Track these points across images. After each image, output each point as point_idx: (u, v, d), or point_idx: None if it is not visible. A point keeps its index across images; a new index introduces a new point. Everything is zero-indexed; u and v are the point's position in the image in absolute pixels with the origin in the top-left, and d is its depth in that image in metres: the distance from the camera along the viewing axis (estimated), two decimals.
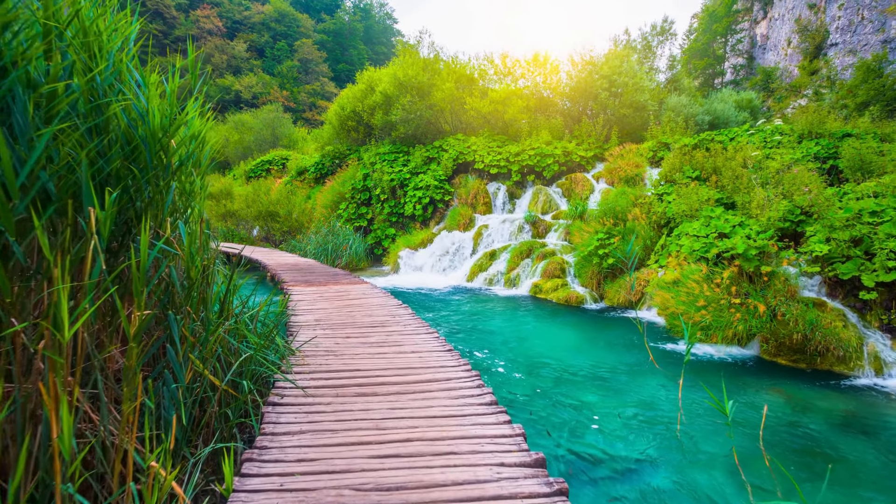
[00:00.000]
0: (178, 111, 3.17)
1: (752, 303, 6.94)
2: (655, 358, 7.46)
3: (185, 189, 3.58)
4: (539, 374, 6.81)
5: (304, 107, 63.56)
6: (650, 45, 27.66)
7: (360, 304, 7.21)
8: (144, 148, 2.80)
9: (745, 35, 52.67)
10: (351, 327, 5.76)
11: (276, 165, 28.01)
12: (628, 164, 16.06)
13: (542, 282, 12.02)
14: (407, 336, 5.33)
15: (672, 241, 9.67)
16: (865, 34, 38.79)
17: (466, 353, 7.52)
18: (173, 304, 3.01)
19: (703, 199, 10.54)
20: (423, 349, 4.83)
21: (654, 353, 7.61)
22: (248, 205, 20.02)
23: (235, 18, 70.74)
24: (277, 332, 4.34)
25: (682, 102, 20.76)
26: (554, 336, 8.78)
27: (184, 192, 3.56)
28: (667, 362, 7.15)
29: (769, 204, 8.61)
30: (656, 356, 7.54)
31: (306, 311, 6.68)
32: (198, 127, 3.71)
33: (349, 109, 22.03)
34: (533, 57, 20.62)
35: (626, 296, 10.50)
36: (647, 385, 6.34)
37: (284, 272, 11.06)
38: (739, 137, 15.72)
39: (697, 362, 7.10)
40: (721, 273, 7.52)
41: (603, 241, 11.23)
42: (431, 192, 17.13)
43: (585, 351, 7.88)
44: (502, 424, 3.18)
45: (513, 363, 7.17)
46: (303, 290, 8.63)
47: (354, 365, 4.30)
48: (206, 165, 4.12)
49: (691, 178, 12.51)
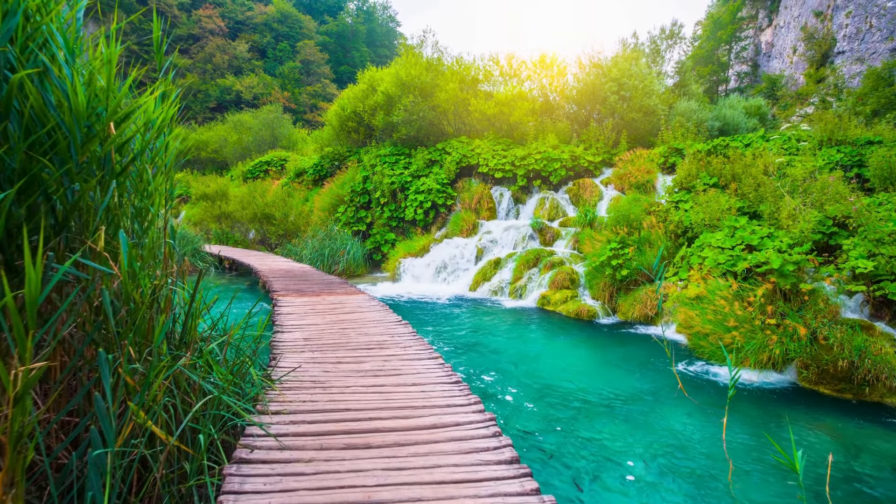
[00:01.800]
0: (119, 90, 2.48)
1: (790, 324, 6.25)
2: (676, 377, 6.75)
3: (139, 189, 2.89)
4: (552, 401, 6.10)
5: (305, 108, 62.98)
6: (658, 48, 27.07)
7: (355, 320, 6.50)
8: (68, 135, 2.12)
9: (750, 42, 52.32)
10: (343, 349, 5.05)
11: (274, 167, 27.35)
12: (639, 170, 15.39)
13: (550, 293, 11.32)
14: (407, 362, 4.63)
15: (693, 252, 8.98)
16: (874, 42, 38.28)
17: (471, 375, 6.81)
18: (106, 339, 2.33)
19: (724, 207, 9.86)
20: (426, 380, 4.13)
21: (679, 377, 6.90)
22: (244, 206, 19.34)
23: (238, 19, 70.20)
24: (254, 361, 3.64)
25: (692, 108, 20.13)
26: (566, 355, 8.07)
27: (137, 193, 2.88)
28: (694, 389, 6.45)
29: (800, 214, 7.93)
30: (681, 380, 6.83)
31: (294, 328, 5.97)
32: (158, 114, 3.02)
33: (350, 110, 21.37)
34: (540, 58, 19.98)
35: (643, 310, 9.79)
36: (676, 417, 5.63)
37: (276, 279, 10.36)
38: (755, 143, 15.10)
39: (726, 388, 6.39)
40: (754, 290, 6.83)
41: (616, 251, 10.54)
42: (433, 196, 16.45)
43: (602, 373, 7.18)
44: (530, 496, 2.49)
45: (522, 388, 6.47)
46: (293, 300, 7.93)
47: (345, 402, 3.60)
48: (170, 161, 3.43)
49: (708, 185, 11.84)
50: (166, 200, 3.58)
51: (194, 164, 36.00)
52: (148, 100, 2.78)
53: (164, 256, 3.33)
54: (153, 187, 3.01)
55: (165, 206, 3.54)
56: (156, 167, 3.36)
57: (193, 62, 62.20)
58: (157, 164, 3.21)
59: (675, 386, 6.51)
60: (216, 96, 58.76)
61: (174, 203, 14.41)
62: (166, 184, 3.47)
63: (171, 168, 3.45)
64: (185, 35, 63.68)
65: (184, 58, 62.01)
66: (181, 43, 63.22)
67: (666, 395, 6.22)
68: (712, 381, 6.63)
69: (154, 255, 3.28)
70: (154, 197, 2.91)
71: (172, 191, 3.89)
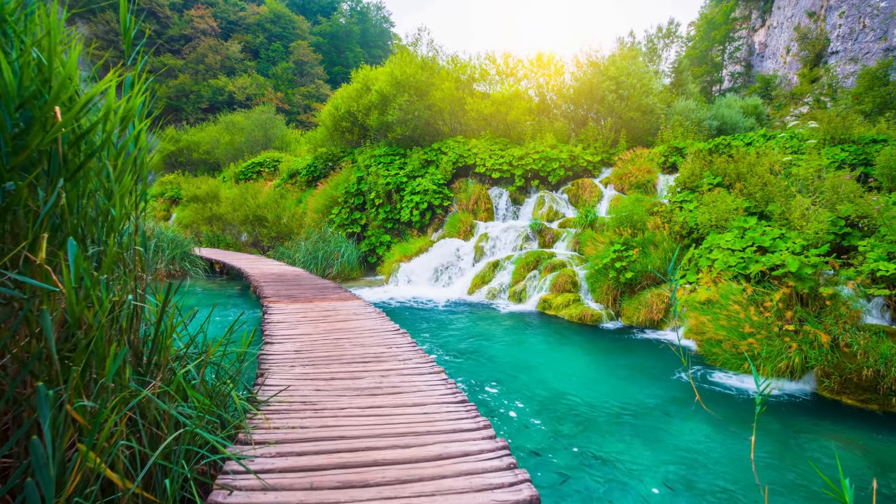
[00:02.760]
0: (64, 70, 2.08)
1: (811, 331, 5.91)
2: (688, 386, 6.40)
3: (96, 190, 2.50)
4: (557, 414, 5.73)
5: (298, 109, 62.47)
6: (655, 47, 26.81)
7: (350, 329, 6.11)
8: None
9: (744, 43, 52.45)
10: (337, 363, 4.66)
11: (267, 167, 26.89)
12: (639, 170, 15.08)
13: (551, 296, 10.96)
14: (407, 378, 4.24)
15: (701, 254, 8.64)
16: (867, 42, 38.33)
17: (472, 386, 6.43)
18: (49, 371, 1.94)
19: (732, 207, 9.54)
20: (428, 399, 3.74)
21: (689, 384, 6.55)
22: (235, 208, 18.88)
23: (230, 19, 69.55)
24: (237, 381, 3.25)
25: (690, 107, 19.87)
26: (570, 363, 7.70)
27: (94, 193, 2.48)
28: (710, 399, 6.09)
29: (814, 214, 7.61)
30: (689, 384, 6.48)
31: (285, 338, 5.57)
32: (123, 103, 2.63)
33: (343, 110, 20.95)
34: (536, 57, 19.65)
35: (648, 314, 9.45)
36: (692, 432, 5.27)
37: (267, 284, 9.94)
38: (757, 142, 14.85)
39: (744, 400, 6.05)
40: (770, 294, 6.49)
41: (620, 253, 10.20)
42: (429, 197, 16.06)
43: (609, 382, 6.81)
44: None
45: (526, 400, 6.09)
46: (285, 307, 7.53)
47: (339, 428, 3.21)
48: (142, 157, 3.04)
49: (712, 184, 11.52)
50: (137, 202, 3.18)
51: (186, 166, 35.44)
52: (109, 85, 2.39)
53: (133, 266, 2.93)
54: (121, 188, 2.61)
55: (136, 209, 3.14)
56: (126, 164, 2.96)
57: (185, 62, 61.55)
58: (125, 162, 2.81)
59: (689, 397, 6.16)
60: (208, 97, 58.13)
61: (149, 205, 13.94)
62: (136, 183, 3.07)
63: (142, 165, 3.05)
64: (177, 35, 63.02)
65: (176, 58, 61.35)
66: (173, 43, 62.57)
67: (681, 408, 5.86)
68: (729, 391, 6.28)
69: (121, 265, 2.88)
70: (116, 198, 2.51)
71: (145, 191, 3.49)
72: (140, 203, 3.46)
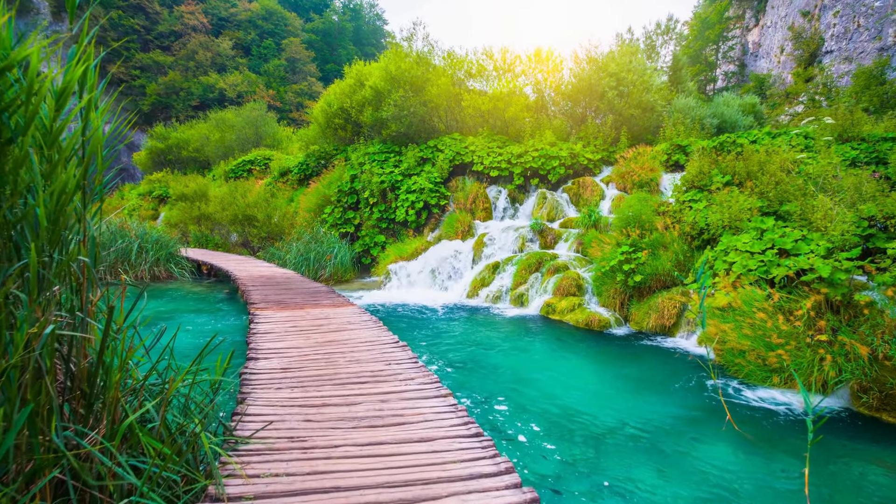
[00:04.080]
0: None
1: (847, 342, 5.43)
2: (713, 404, 5.91)
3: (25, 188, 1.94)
4: (569, 433, 5.21)
5: (290, 107, 61.70)
6: (654, 44, 26.40)
7: (344, 341, 5.55)
8: None
9: (737, 42, 52.46)
10: (330, 383, 4.11)
11: (258, 166, 26.21)
12: (642, 168, 14.62)
13: (555, 300, 10.45)
14: (410, 403, 3.70)
15: (717, 256, 8.16)
16: (861, 41, 38.29)
17: (475, 402, 5.90)
18: None
19: (746, 207, 9.06)
20: (436, 433, 3.20)
21: (713, 399, 6.06)
22: (224, 207, 18.23)
23: (221, 15, 68.56)
24: (209, 418, 2.70)
25: (690, 104, 19.46)
26: (579, 374, 7.19)
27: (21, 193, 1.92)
28: (736, 415, 5.59)
29: (839, 215, 7.14)
30: (713, 401, 5.99)
31: (272, 353, 5.01)
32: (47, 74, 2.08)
33: (336, 106, 20.31)
34: (535, 52, 19.13)
35: (660, 320, 8.96)
36: (724, 457, 4.76)
37: (255, 289, 9.35)
38: (763, 140, 14.47)
39: (777, 418, 5.55)
40: (798, 301, 6.00)
41: (628, 255, 9.71)
42: (426, 196, 15.51)
43: (623, 397, 6.30)
44: None
45: (533, 417, 5.57)
46: (273, 315, 6.96)
47: (332, 474, 2.66)
48: (93, 146, 2.48)
49: (722, 183, 11.06)
50: (86, 202, 2.62)
51: (175, 164, 34.65)
52: (32, 49, 1.83)
53: (81, 282, 2.37)
54: (55, 183, 2.05)
55: (85, 210, 2.58)
56: (64, 153, 2.40)
57: (175, 59, 60.58)
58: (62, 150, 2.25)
59: (715, 414, 5.65)
60: (199, 94, 57.21)
61: (136, 203, 13.16)
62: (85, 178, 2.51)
63: (90, 156, 2.49)
64: (167, 31, 61.99)
65: (165, 55, 60.36)
66: (162, 39, 61.55)
67: (706, 427, 5.36)
68: (757, 407, 5.78)
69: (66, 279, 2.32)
70: (42, 197, 1.95)
71: (101, 188, 2.94)
72: (92, 203, 2.90)
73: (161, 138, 34.40)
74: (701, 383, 6.58)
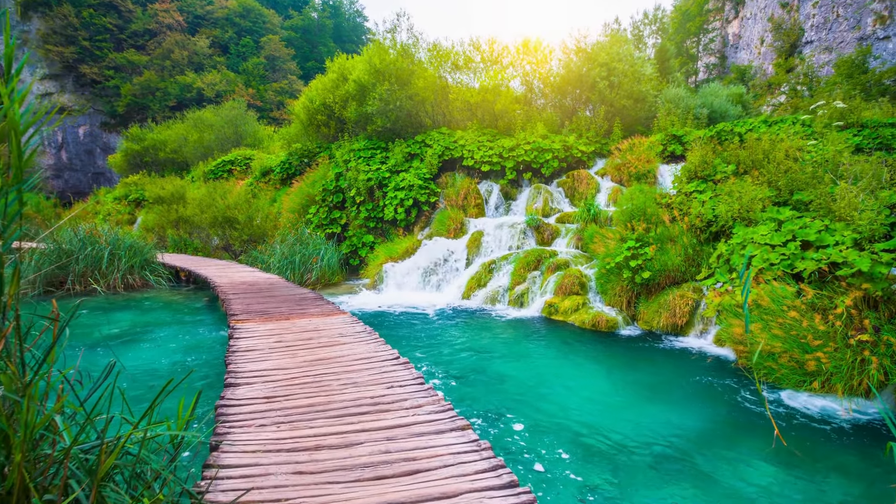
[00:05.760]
0: None
1: (894, 341, 4.93)
2: (745, 414, 5.38)
3: None
4: (588, 454, 4.63)
5: (271, 105, 60.40)
6: (641, 35, 25.99)
7: (337, 358, 4.90)
8: None
9: (717, 34, 52.68)
10: (323, 416, 3.46)
11: (238, 166, 25.26)
12: (638, 160, 14.14)
13: (557, 300, 9.90)
14: (423, 441, 3.06)
15: (734, 250, 7.65)
16: (841, 31, 38.52)
17: (483, 418, 5.30)
18: None
19: (757, 197, 8.58)
20: (460, 485, 2.57)
21: (742, 407, 5.53)
22: (202, 210, 17.36)
23: (197, 13, 66.83)
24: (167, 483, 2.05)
25: (681, 94, 19.07)
26: (591, 382, 6.62)
27: None
28: (768, 422, 5.06)
29: (867, 203, 6.66)
30: (744, 410, 5.46)
31: (254, 376, 4.34)
32: None
33: (319, 102, 19.51)
34: (523, 43, 18.54)
35: (671, 319, 8.44)
36: (773, 478, 4.21)
37: (237, 297, 8.63)
38: (759, 129, 14.12)
39: (823, 428, 5.03)
40: (835, 299, 5.49)
41: (635, 251, 9.17)
42: (415, 193, 14.85)
43: (642, 407, 5.73)
44: None
45: (548, 435, 4.98)
46: (256, 328, 6.27)
47: None
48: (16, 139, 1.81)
49: (726, 172, 10.59)
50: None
51: (152, 166, 33.44)
52: None
53: None
54: None
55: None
56: None
57: (150, 59, 58.88)
58: None
59: (749, 425, 5.12)
60: (176, 94, 55.68)
61: (111, 208, 12.05)
62: None
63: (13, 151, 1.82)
64: (141, 30, 60.21)
65: (140, 54, 58.62)
66: (137, 39, 59.78)
67: (744, 443, 4.81)
68: (796, 416, 5.25)
69: None
70: None
71: (19, 191, 2.27)
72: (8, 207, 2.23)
73: (137, 140, 33.16)
74: (726, 388, 6.06)
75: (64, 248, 11.96)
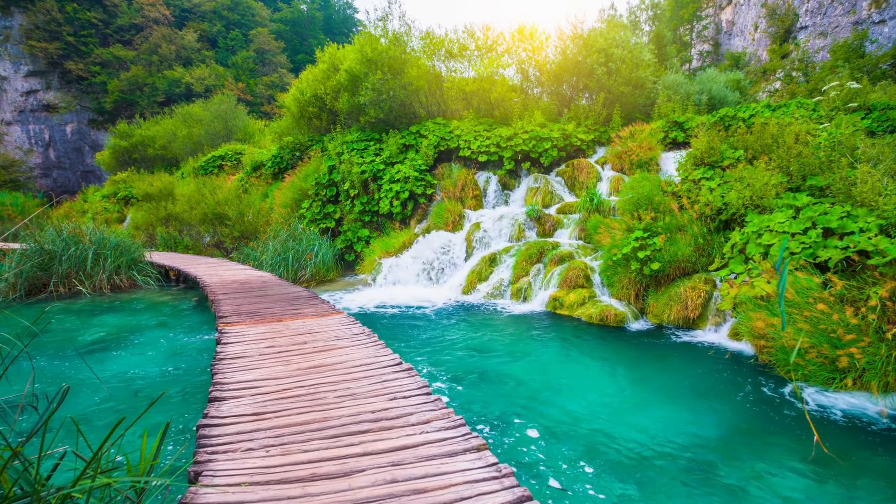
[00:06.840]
0: None
1: None
2: (771, 414, 5.02)
3: None
4: (606, 463, 4.26)
5: (261, 99, 59.60)
6: (638, 20, 25.53)
7: (333, 365, 4.49)
8: None
9: (711, 21, 52.29)
10: (319, 436, 3.06)
11: (229, 161, 24.70)
12: (640, 147, 13.74)
13: (561, 293, 9.52)
14: (434, 466, 2.67)
15: (749, 239, 7.28)
16: (836, 16, 38.16)
17: (490, 425, 4.91)
18: None
19: (773, 182, 8.20)
20: None
21: (768, 407, 5.17)
22: (192, 206, 16.86)
23: (184, 6, 65.66)
24: None
25: (679, 80, 18.66)
26: (602, 382, 6.24)
27: None
28: (804, 426, 4.71)
29: (892, 188, 6.29)
30: (770, 410, 5.10)
31: (242, 388, 3.93)
32: None
33: (310, 94, 18.95)
34: (518, 30, 18.04)
35: (682, 312, 8.08)
36: (806, 490, 3.85)
37: (226, 297, 8.19)
38: (762, 114, 13.74)
39: (861, 431, 4.68)
40: (867, 289, 5.13)
41: (643, 241, 8.79)
42: (411, 185, 14.40)
43: (659, 408, 5.36)
44: None
45: (560, 441, 4.61)
46: (246, 331, 5.85)
47: None
48: None
49: (734, 159, 10.22)
50: None
51: (141, 163, 32.77)
52: None
53: None
54: None
55: None
56: None
57: (137, 53, 57.85)
58: None
59: (780, 428, 4.76)
60: (164, 89, 54.76)
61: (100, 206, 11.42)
62: None
63: None
64: (127, 25, 59.10)
65: (127, 49, 57.55)
66: (123, 33, 58.68)
67: (773, 448, 4.45)
68: (829, 416, 4.90)
69: None
70: None
71: None
72: None
73: (125, 136, 32.45)
74: (747, 387, 5.70)
75: (46, 249, 11.45)
